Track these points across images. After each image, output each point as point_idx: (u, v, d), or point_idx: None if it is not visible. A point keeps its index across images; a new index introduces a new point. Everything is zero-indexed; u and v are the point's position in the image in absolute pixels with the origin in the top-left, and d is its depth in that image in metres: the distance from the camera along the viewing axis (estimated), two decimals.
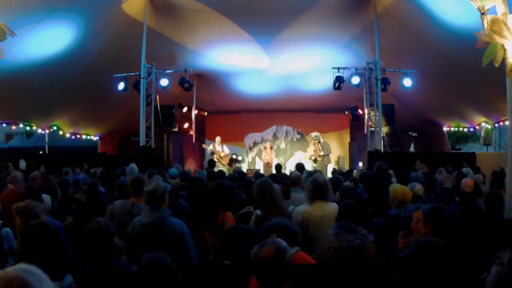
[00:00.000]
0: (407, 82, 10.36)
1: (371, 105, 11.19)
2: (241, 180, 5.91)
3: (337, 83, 11.06)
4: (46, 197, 4.65)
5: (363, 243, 3.04)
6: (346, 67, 11.06)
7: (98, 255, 2.48)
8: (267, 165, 12.81)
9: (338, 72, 11.03)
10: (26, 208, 3.24)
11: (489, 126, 12.60)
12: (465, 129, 14.59)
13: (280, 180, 4.90)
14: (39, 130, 12.57)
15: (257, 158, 16.02)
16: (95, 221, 2.65)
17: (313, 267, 2.39)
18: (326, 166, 12.47)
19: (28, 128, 12.32)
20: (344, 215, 3.14)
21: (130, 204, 3.80)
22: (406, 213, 3.12)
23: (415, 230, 2.92)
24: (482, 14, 3.41)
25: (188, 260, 2.95)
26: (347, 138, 16.25)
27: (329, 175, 9.98)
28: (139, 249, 2.95)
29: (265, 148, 13.58)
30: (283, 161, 16.20)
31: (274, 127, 16.57)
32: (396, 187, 3.84)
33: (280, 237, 2.26)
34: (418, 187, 4.33)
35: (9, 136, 21.67)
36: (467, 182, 4.89)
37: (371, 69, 10.59)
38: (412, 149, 14.97)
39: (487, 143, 12.94)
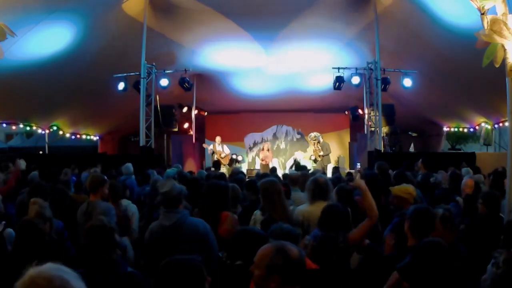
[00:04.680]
0: (407, 82, 10.36)
1: (371, 105, 11.19)
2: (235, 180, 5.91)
3: (337, 83, 11.06)
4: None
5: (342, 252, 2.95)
6: (346, 67, 11.07)
7: (97, 253, 2.43)
8: (265, 165, 12.80)
9: (338, 72, 11.04)
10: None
11: (489, 127, 12.60)
12: (465, 130, 14.59)
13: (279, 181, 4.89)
14: (39, 130, 12.57)
15: (257, 158, 16.02)
16: (97, 218, 2.63)
17: (315, 272, 2.40)
18: (326, 166, 12.46)
19: (28, 128, 12.31)
20: (325, 223, 3.05)
21: (86, 205, 3.86)
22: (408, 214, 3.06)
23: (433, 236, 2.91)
24: (482, 14, 3.41)
25: (213, 259, 2.89)
26: (347, 138, 16.25)
27: (329, 175, 9.99)
28: (160, 254, 2.90)
29: (263, 149, 13.60)
30: (283, 161, 16.22)
31: (274, 127, 16.57)
32: (408, 188, 3.80)
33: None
34: (411, 188, 4.32)
35: (9, 136, 21.64)
36: (467, 182, 4.88)
37: (371, 69, 10.60)
38: (412, 149, 14.98)
39: (487, 143, 12.94)
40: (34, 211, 3.24)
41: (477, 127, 13.52)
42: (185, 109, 14.25)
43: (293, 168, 8.78)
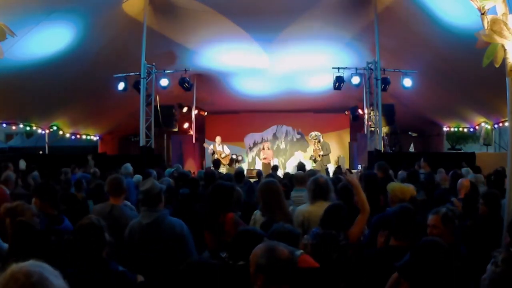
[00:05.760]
0: (407, 82, 10.37)
1: (371, 105, 11.19)
2: (240, 181, 5.92)
3: (337, 83, 11.06)
4: None
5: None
6: (346, 67, 11.07)
7: (88, 252, 2.41)
8: (267, 164, 12.83)
9: (338, 72, 11.04)
10: (16, 209, 3.17)
11: (489, 127, 12.61)
12: (465, 129, 14.60)
13: (279, 181, 4.91)
14: (39, 130, 12.57)
15: (257, 158, 16.03)
16: (86, 217, 2.61)
17: (317, 270, 2.40)
18: (326, 166, 12.46)
19: (28, 128, 12.31)
20: (328, 222, 3.04)
21: (109, 206, 3.65)
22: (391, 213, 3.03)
23: (430, 235, 2.91)
24: (482, 14, 3.41)
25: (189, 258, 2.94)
26: (347, 138, 16.25)
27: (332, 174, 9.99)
28: (138, 251, 2.95)
29: (263, 148, 13.65)
30: (283, 161, 16.22)
31: (274, 127, 16.57)
32: (395, 185, 3.84)
33: (286, 241, 2.30)
34: (411, 187, 4.33)
35: (9, 136, 21.64)
36: (463, 183, 4.89)
37: (371, 69, 10.60)
38: (412, 149, 14.97)
39: (487, 143, 12.95)
40: (28, 213, 3.18)
41: (477, 127, 13.53)
42: (185, 109, 14.25)
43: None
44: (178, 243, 2.96)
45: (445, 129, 15.10)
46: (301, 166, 7.65)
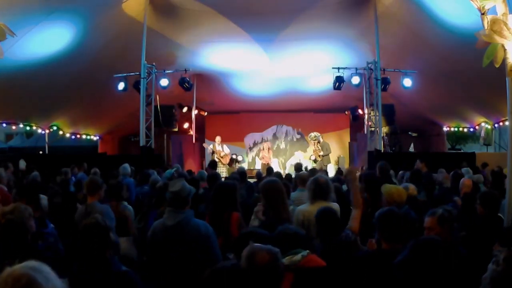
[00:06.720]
0: (407, 82, 10.36)
1: (371, 105, 11.19)
2: (242, 181, 5.93)
3: (337, 83, 11.06)
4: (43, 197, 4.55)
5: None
6: (346, 67, 11.06)
7: (92, 252, 2.40)
8: (266, 165, 12.82)
9: (338, 72, 11.03)
10: (13, 212, 3.16)
11: (489, 126, 12.61)
12: (465, 129, 14.61)
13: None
14: (39, 130, 12.58)
15: (257, 158, 16.03)
16: (91, 217, 2.61)
17: (324, 269, 2.40)
18: (326, 166, 12.46)
19: (28, 128, 12.32)
20: (325, 229, 3.01)
21: (85, 205, 3.90)
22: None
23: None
24: (482, 14, 3.42)
25: (215, 260, 2.90)
26: (347, 138, 16.25)
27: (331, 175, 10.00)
28: (163, 253, 2.94)
29: (263, 149, 13.64)
30: (283, 161, 16.23)
31: (274, 127, 16.57)
32: (391, 188, 3.82)
33: (292, 242, 2.36)
34: (412, 187, 4.33)
35: (9, 136, 21.66)
36: (465, 182, 4.89)
37: (371, 69, 10.59)
38: (412, 149, 14.99)
39: (487, 143, 12.96)
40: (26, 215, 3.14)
41: (477, 127, 13.54)
42: (185, 109, 14.24)
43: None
44: (202, 244, 2.92)
45: (445, 129, 15.11)
46: (298, 167, 7.65)
